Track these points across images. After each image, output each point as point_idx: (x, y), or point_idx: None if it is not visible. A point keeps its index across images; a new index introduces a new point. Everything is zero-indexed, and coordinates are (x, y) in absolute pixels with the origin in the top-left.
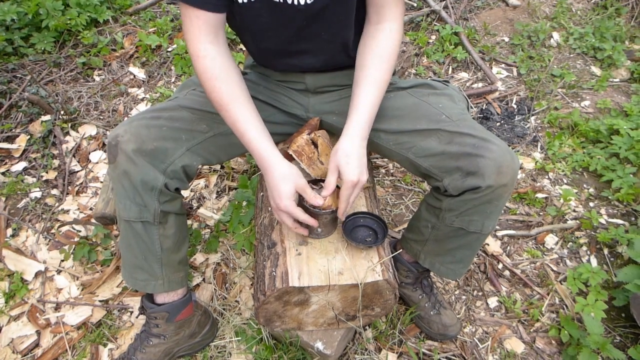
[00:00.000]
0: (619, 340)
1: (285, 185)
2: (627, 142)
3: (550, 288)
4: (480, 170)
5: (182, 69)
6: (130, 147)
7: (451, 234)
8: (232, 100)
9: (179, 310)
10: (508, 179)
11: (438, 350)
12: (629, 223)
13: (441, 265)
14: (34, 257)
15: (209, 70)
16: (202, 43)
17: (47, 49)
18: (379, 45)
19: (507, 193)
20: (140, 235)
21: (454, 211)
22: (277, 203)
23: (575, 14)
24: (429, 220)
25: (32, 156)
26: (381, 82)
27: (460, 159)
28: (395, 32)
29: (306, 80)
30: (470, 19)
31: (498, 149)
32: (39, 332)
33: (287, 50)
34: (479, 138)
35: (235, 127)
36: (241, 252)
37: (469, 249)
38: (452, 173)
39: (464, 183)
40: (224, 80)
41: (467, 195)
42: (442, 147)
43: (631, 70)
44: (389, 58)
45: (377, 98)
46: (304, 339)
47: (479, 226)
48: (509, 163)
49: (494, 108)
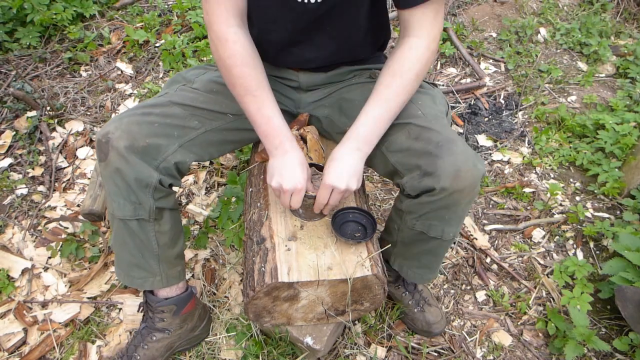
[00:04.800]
0: (604, 332)
1: (303, 171)
2: (612, 137)
3: (537, 281)
4: (437, 171)
5: (170, 64)
6: (121, 144)
7: (414, 237)
8: (259, 86)
9: (185, 303)
10: (466, 184)
11: (427, 344)
12: (614, 217)
13: (409, 269)
14: (21, 254)
15: (238, 55)
16: (231, 27)
17: (32, 43)
18: (395, 61)
19: (465, 200)
20: (136, 233)
21: (414, 214)
22: (295, 183)
23: (561, 10)
24: (395, 221)
25: (17, 152)
26: (389, 100)
27: (422, 157)
28: (419, 49)
29: (300, 79)
30: (458, 14)
31: (461, 153)
32: (26, 329)
33: (290, 44)
34: (444, 137)
35: (261, 112)
36: (230, 248)
37: (433, 255)
38: (412, 171)
39: (420, 183)
40: (253, 67)
41: (424, 197)
42: (409, 142)
43: (617, 65)
44: (403, 75)
45: (381, 115)
46: (293, 334)
47: (439, 232)
48: (469, 168)
49: (482, 103)
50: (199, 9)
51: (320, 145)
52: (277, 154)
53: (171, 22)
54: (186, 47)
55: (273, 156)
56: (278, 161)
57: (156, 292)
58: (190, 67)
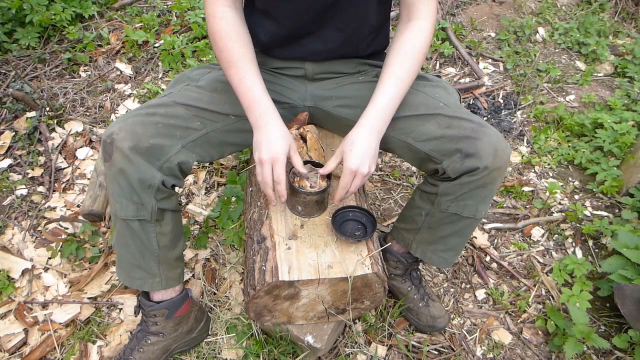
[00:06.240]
0: (603, 330)
1: (282, 141)
2: (611, 136)
3: (537, 279)
4: (478, 152)
5: (170, 64)
6: (126, 144)
7: (445, 220)
8: (241, 58)
9: (178, 306)
10: (502, 162)
11: (427, 343)
12: (613, 215)
13: (433, 253)
14: (21, 254)
15: (222, 30)
16: (220, 6)
17: (31, 44)
18: (405, 42)
19: (500, 177)
20: (137, 234)
21: (450, 195)
22: (272, 154)
23: (560, 10)
24: (423, 207)
25: (17, 153)
26: (403, 79)
27: (460, 141)
28: (425, 31)
29: (306, 67)
30: (457, 14)
31: (494, 134)
32: (27, 330)
33: (298, 36)
34: (476, 123)
35: (243, 82)
36: (230, 247)
37: (460, 236)
38: (451, 155)
39: (462, 165)
40: (236, 41)
41: (464, 178)
42: (442, 130)
43: (615, 64)
44: (414, 56)
45: (396, 93)
46: (294, 333)
47: (473, 211)
48: (503, 147)
49: (481, 103)
50: (198, 9)
51: (319, 145)
52: (258, 125)
53: (170, 22)
54: (185, 48)
55: (255, 129)
56: (259, 134)
57: (151, 294)
58: (195, 67)
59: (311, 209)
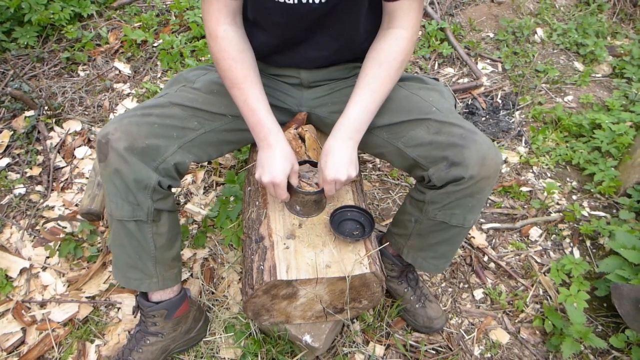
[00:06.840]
0: (600, 330)
1: (283, 164)
2: (608, 136)
3: (535, 279)
4: (465, 160)
5: (168, 64)
6: (121, 145)
7: (434, 227)
8: (245, 79)
9: (177, 306)
10: (491, 171)
11: (425, 342)
12: (610, 215)
13: (423, 260)
14: (19, 254)
15: (224, 51)
16: (222, 24)
17: (30, 43)
18: (380, 52)
19: (489, 187)
20: (133, 234)
21: (437, 204)
22: (273, 177)
23: (558, 10)
24: (413, 214)
25: (15, 152)
26: (376, 90)
27: (447, 149)
28: (402, 40)
29: (301, 75)
30: (455, 14)
31: (483, 142)
32: (25, 329)
33: (293, 44)
34: (466, 129)
35: (247, 104)
36: (229, 247)
37: (450, 244)
38: (437, 163)
39: (448, 174)
40: (240, 61)
41: (450, 187)
42: (431, 136)
43: (613, 65)
44: (390, 65)
45: (370, 105)
46: (292, 333)
47: (461, 220)
48: (492, 156)
49: (480, 103)
50: (197, 8)
51: (318, 144)
52: (262, 146)
53: (169, 21)
54: (184, 47)
55: (260, 149)
56: (263, 154)
57: (149, 295)
58: (192, 68)
59: (309, 208)
